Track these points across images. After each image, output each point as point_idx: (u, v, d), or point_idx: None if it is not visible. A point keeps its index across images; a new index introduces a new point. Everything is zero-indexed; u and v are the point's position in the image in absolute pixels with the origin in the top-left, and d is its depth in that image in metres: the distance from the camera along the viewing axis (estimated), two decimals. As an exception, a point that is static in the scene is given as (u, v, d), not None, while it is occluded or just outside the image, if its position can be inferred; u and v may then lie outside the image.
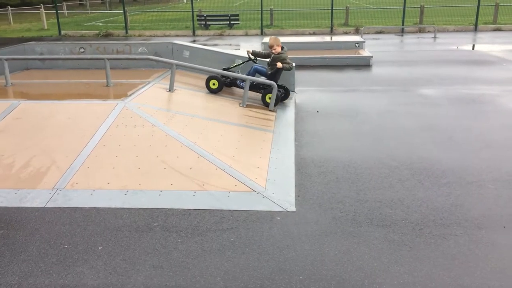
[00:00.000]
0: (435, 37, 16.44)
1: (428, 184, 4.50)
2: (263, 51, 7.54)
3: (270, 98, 6.85)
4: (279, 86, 7.19)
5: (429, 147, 5.52)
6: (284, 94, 7.42)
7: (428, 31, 18.17)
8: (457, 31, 18.34)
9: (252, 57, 7.34)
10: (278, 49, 7.03)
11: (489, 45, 14.35)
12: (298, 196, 4.29)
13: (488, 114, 6.84)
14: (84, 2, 37.90)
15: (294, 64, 7.32)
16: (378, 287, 2.98)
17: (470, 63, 11.20)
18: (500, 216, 3.85)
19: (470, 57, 12.06)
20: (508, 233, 3.59)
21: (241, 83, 7.12)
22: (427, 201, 4.15)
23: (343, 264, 3.23)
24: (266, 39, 13.67)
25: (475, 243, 3.45)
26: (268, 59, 7.21)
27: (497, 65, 10.77)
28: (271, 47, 7.03)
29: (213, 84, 7.12)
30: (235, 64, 7.60)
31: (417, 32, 18.44)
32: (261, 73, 7.20)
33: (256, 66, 7.24)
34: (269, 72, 7.08)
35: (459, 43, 14.77)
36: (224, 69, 7.42)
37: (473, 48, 13.94)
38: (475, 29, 18.37)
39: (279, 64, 6.93)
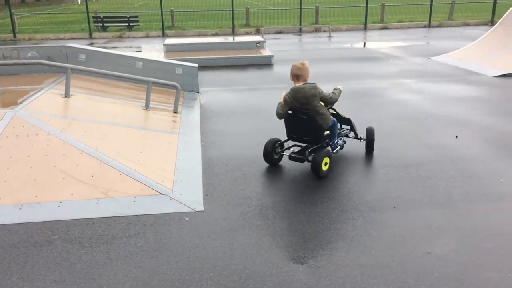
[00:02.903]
0: (330, 36, 17.41)
1: (328, 174, 4.77)
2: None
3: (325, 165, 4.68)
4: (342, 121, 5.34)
5: (328, 139, 5.86)
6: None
7: (324, 31, 19.18)
8: (349, 30, 19.59)
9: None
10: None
11: (378, 42, 15.54)
12: (206, 195, 4.32)
13: (378, 106, 7.42)
14: (-37, 3, 34.31)
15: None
16: (286, 274, 3.11)
17: (361, 59, 12.04)
18: (391, 198, 4.21)
19: (361, 54, 12.96)
20: (398, 213, 3.94)
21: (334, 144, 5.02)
22: (328, 189, 4.41)
23: (252, 256, 3.33)
24: (168, 41, 13.50)
25: (370, 224, 3.75)
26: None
27: (385, 61, 11.71)
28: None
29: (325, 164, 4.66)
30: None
31: (313, 31, 19.38)
32: None
33: None
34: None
35: (352, 41, 15.80)
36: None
37: (364, 46, 14.99)
38: (365, 28, 19.76)
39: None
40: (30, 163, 4.49)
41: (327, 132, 4.88)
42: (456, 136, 5.85)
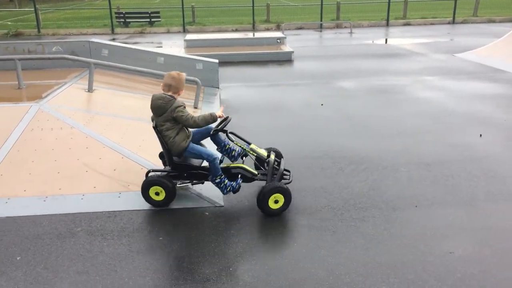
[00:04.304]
0: (351, 32, 17.24)
1: (348, 171, 4.74)
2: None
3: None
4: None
5: (348, 136, 5.81)
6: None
7: (345, 27, 19.00)
8: (371, 26, 19.36)
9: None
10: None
11: (400, 39, 15.32)
12: (226, 190, 4.33)
13: (400, 103, 7.33)
14: (-10, -1, 35.10)
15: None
16: (305, 271, 3.10)
17: (383, 56, 11.89)
18: (412, 197, 4.16)
19: (383, 51, 12.80)
20: (419, 212, 3.89)
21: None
22: (348, 187, 4.38)
23: (271, 253, 3.33)
24: (189, 36, 13.57)
25: (390, 223, 3.71)
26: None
27: (407, 58, 11.53)
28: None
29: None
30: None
31: (334, 27, 19.21)
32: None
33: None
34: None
35: (374, 38, 15.61)
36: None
37: (386, 42, 14.79)
38: (387, 24, 19.50)
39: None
40: (54, 156, 4.58)
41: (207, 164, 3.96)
42: (480, 135, 5.73)
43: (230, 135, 4.10)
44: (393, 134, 5.86)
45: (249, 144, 4.20)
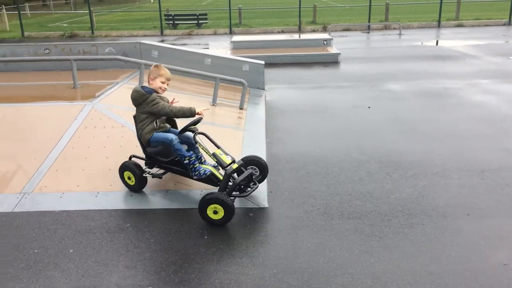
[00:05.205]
0: (400, 34, 16.82)
1: (395, 176, 4.63)
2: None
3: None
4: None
5: (396, 140, 5.67)
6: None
7: (394, 28, 18.57)
8: (421, 27, 18.81)
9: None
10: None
11: (452, 40, 14.80)
12: (270, 192, 4.33)
13: (452, 107, 7.07)
14: (48, 2, 36.92)
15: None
16: (350, 277, 3.05)
17: (434, 58, 11.52)
18: (464, 205, 4.00)
19: (434, 53, 12.40)
20: (472, 220, 3.73)
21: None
22: (395, 192, 4.27)
23: (316, 256, 3.30)
24: (235, 38, 13.71)
25: (440, 231, 3.58)
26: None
27: (460, 60, 11.12)
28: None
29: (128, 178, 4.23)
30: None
31: (383, 29, 18.82)
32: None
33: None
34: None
35: (424, 39, 15.17)
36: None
37: (436, 44, 14.33)
38: (438, 26, 18.89)
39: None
40: (106, 153, 4.74)
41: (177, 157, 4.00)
42: (539, 142, 5.44)
43: (197, 136, 4.02)
44: (444, 138, 5.67)
45: (218, 147, 4.03)
